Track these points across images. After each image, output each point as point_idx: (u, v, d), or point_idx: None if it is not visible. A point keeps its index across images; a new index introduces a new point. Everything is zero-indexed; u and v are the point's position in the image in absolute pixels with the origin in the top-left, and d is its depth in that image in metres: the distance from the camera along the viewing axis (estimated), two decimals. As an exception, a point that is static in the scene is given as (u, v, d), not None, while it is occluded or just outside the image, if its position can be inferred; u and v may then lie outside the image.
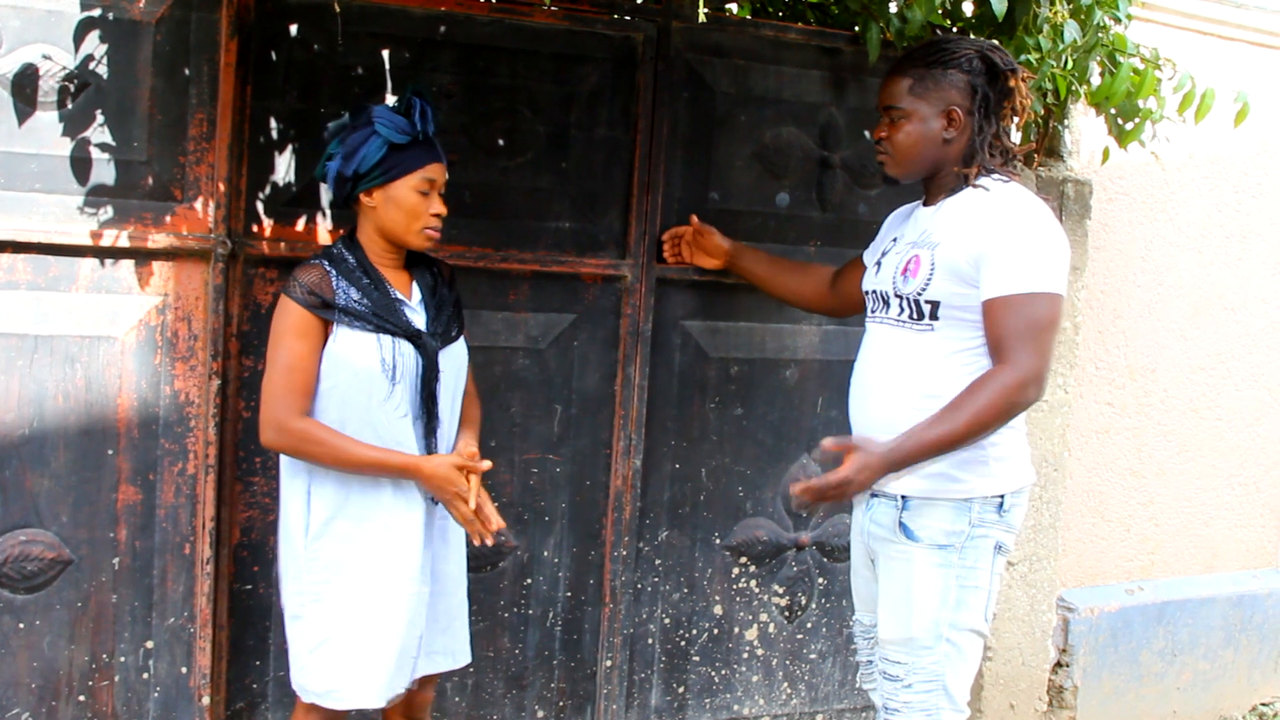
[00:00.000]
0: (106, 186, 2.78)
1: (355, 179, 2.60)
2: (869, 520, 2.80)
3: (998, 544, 2.70)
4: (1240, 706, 4.91)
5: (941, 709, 2.71)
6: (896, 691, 2.75)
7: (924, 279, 2.66)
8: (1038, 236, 2.59)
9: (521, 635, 3.38)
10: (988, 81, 2.71)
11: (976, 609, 2.69)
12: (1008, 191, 2.67)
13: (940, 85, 2.69)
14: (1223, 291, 4.65)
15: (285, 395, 2.56)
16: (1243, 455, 4.85)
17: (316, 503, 2.64)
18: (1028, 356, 2.52)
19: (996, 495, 2.67)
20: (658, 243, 3.34)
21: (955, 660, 2.71)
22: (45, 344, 2.77)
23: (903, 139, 2.73)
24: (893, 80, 2.76)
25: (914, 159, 2.75)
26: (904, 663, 2.73)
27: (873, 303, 2.85)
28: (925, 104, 2.70)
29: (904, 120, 2.72)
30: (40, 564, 2.83)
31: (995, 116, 2.73)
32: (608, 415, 3.38)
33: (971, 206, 2.66)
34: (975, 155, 2.71)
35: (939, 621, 2.68)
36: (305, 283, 2.57)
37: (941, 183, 2.77)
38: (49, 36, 2.70)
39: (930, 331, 2.67)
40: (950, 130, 2.70)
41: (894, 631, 2.74)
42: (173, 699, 3.00)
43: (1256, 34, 4.51)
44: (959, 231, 2.64)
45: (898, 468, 2.58)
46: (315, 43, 2.94)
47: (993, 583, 2.72)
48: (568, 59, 3.19)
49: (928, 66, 2.71)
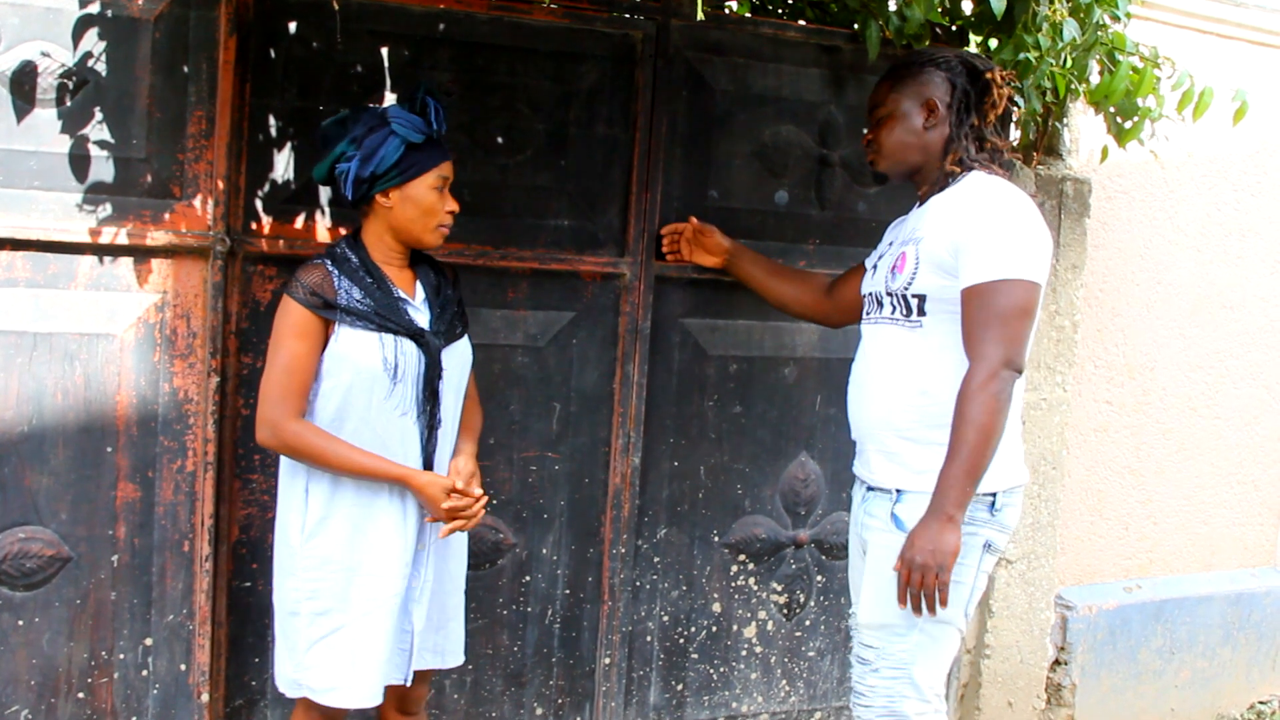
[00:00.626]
0: (105, 184, 2.78)
1: (373, 180, 2.60)
2: (863, 512, 2.84)
3: (987, 542, 2.71)
4: (1238, 705, 4.92)
5: (906, 697, 2.72)
6: (864, 675, 2.78)
7: (910, 273, 2.70)
8: (1010, 224, 2.62)
9: (520, 633, 3.39)
10: (968, 80, 2.80)
11: (956, 603, 2.69)
12: (985, 182, 2.72)
13: (919, 80, 2.81)
14: (1222, 290, 4.65)
15: (282, 396, 2.58)
16: (1241, 454, 4.85)
17: (313, 501, 2.65)
18: (993, 346, 2.55)
19: (988, 493, 2.69)
20: (657, 240, 3.34)
21: (927, 649, 2.72)
22: (44, 341, 2.77)
23: (886, 134, 2.86)
24: (878, 87, 2.91)
25: (898, 151, 2.84)
26: (875, 647, 2.76)
27: (868, 305, 2.89)
28: (905, 99, 2.82)
29: (888, 118, 2.85)
30: (39, 561, 2.83)
31: (975, 111, 2.80)
32: (606, 413, 3.39)
33: (951, 198, 2.72)
34: (958, 148, 2.78)
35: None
36: (307, 283, 2.58)
37: (927, 179, 2.84)
38: (48, 34, 2.70)
39: (920, 328, 2.70)
40: (930, 120, 2.79)
41: (870, 615, 2.77)
42: (172, 696, 3.00)
43: (1256, 33, 4.51)
44: (939, 223, 2.69)
45: (951, 514, 2.56)
46: (314, 40, 2.93)
47: (977, 579, 2.73)
48: (567, 57, 3.19)
49: (908, 66, 2.85)
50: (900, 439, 2.74)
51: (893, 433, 2.75)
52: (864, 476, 2.87)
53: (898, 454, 2.75)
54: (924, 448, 2.70)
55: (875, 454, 2.81)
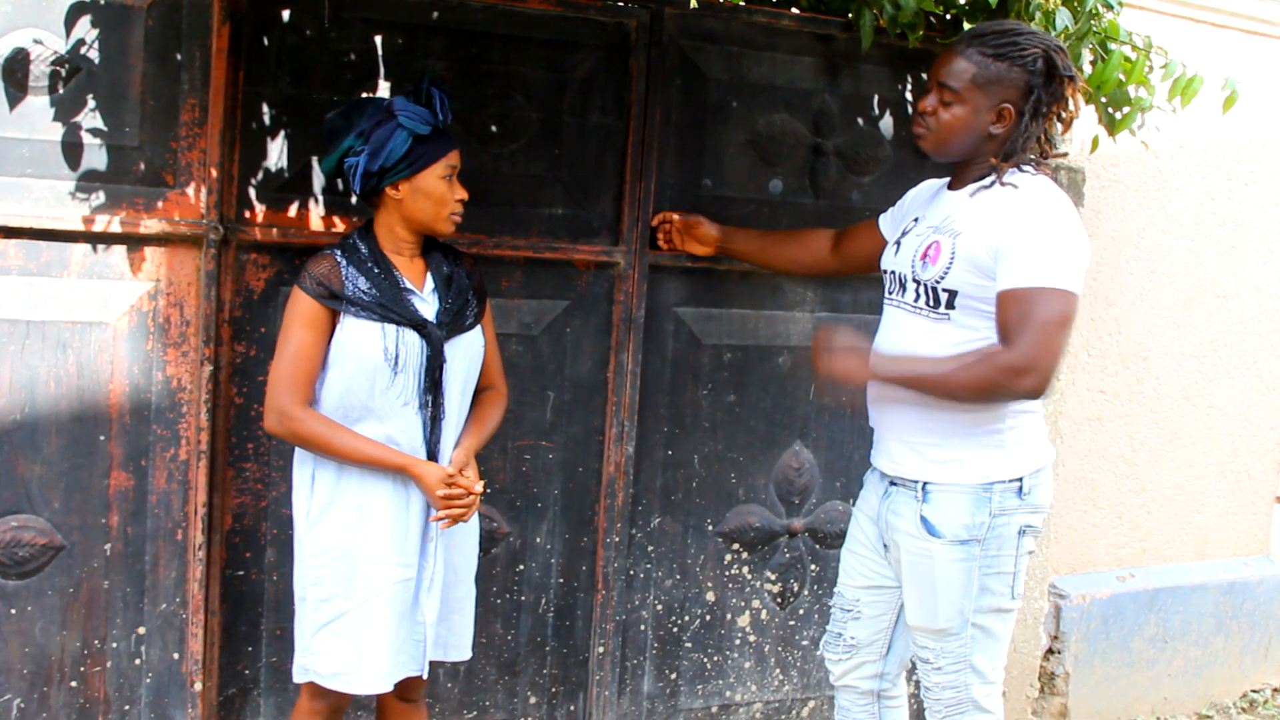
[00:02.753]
0: (98, 172, 2.77)
1: (382, 173, 2.61)
2: (887, 509, 2.82)
3: (1021, 528, 2.71)
4: (1231, 693, 4.93)
5: (970, 685, 2.77)
6: (929, 674, 2.81)
7: (943, 267, 2.64)
8: (1057, 233, 2.55)
9: (514, 622, 3.39)
10: (1044, 84, 2.65)
11: (1001, 592, 2.72)
12: (1035, 186, 2.63)
13: (1001, 81, 2.63)
14: (1215, 279, 4.66)
15: (290, 384, 2.61)
16: (1234, 443, 4.86)
17: (319, 488, 2.68)
18: (1031, 346, 2.48)
19: (1015, 479, 2.68)
20: (651, 229, 3.33)
21: (982, 641, 2.75)
22: (37, 329, 2.77)
23: (949, 120, 2.67)
24: (953, 57, 2.67)
25: (954, 143, 2.70)
26: (932, 648, 2.78)
27: (890, 283, 2.83)
28: (981, 95, 2.64)
29: (955, 104, 2.66)
30: (32, 550, 2.83)
31: (1042, 119, 2.70)
32: (600, 402, 3.39)
33: (998, 199, 2.63)
34: (1016, 151, 2.67)
35: (964, 610, 2.71)
36: (315, 273, 2.62)
37: (972, 170, 2.73)
38: (40, 21, 2.69)
39: (946, 320, 2.66)
40: (998, 126, 2.66)
41: (921, 621, 2.78)
42: (165, 685, 3.00)
43: (1249, 21, 4.51)
44: (982, 222, 2.61)
45: (879, 368, 2.69)
46: (307, 28, 2.93)
47: (1018, 564, 2.73)
48: (560, 45, 3.19)
49: (995, 58, 2.63)
50: (922, 431, 2.72)
51: (915, 425, 2.73)
52: (884, 468, 2.84)
53: (920, 445, 2.73)
54: (947, 439, 2.69)
55: (896, 445, 2.79)
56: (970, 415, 2.66)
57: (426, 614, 2.74)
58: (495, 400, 2.91)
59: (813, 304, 3.57)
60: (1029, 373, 2.49)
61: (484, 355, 2.84)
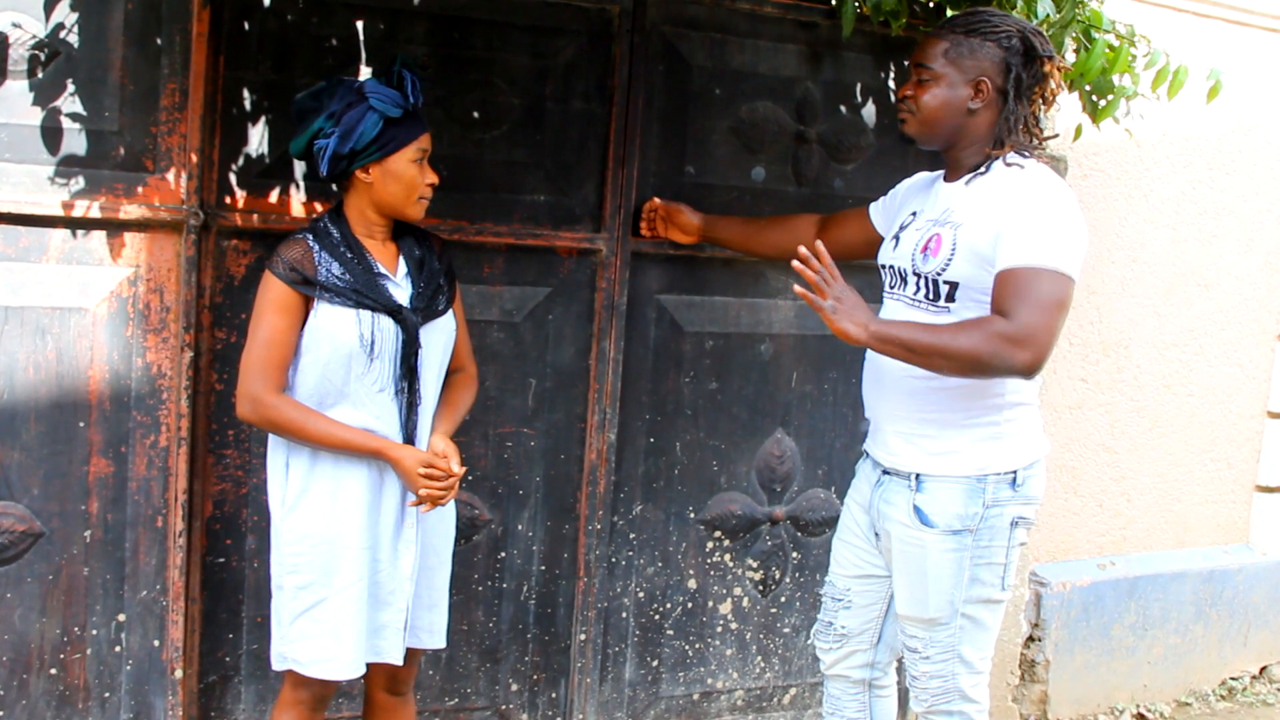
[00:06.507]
0: (77, 157, 2.76)
1: (352, 156, 2.59)
2: (880, 498, 2.81)
3: (1014, 520, 2.70)
4: (1210, 680, 4.96)
5: (958, 674, 2.77)
6: (916, 663, 2.82)
7: (944, 259, 2.62)
8: (1058, 216, 2.53)
9: (496, 609, 3.39)
10: (1023, 63, 2.66)
11: (992, 583, 2.72)
12: (1032, 170, 2.63)
13: (975, 54, 2.65)
14: (1196, 268, 4.68)
15: (262, 370, 2.58)
16: (1215, 431, 4.89)
17: (293, 475, 2.66)
18: (1030, 319, 2.43)
19: (1009, 471, 2.68)
20: (633, 216, 3.33)
21: (971, 631, 2.76)
22: (15, 315, 2.75)
23: (928, 100, 2.68)
24: (929, 41, 2.71)
25: (935, 122, 2.69)
26: (921, 637, 2.79)
27: (890, 278, 2.82)
28: (956, 70, 2.65)
29: (932, 82, 2.67)
30: (11, 536, 2.81)
31: (1025, 100, 2.69)
32: (582, 389, 3.38)
33: (996, 186, 2.62)
34: (1006, 136, 2.67)
35: (954, 600, 2.72)
36: (288, 258, 2.58)
37: (963, 158, 2.72)
38: (19, 4, 2.67)
39: (946, 313, 2.64)
40: (976, 100, 2.66)
41: (911, 610, 2.79)
42: (145, 672, 2.99)
43: (1232, 11, 4.52)
44: (982, 210, 2.60)
45: (873, 329, 2.51)
46: (288, 13, 2.91)
47: (1009, 555, 2.73)
48: (543, 31, 3.18)
49: (966, 34, 2.66)
50: (920, 422, 2.71)
51: (912, 416, 2.72)
52: (879, 458, 2.84)
53: (916, 437, 2.72)
54: (943, 430, 2.68)
55: (892, 435, 2.78)
56: (967, 406, 2.65)
57: (402, 599, 2.74)
58: (466, 383, 2.91)
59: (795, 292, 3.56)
60: (1026, 345, 2.43)
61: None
